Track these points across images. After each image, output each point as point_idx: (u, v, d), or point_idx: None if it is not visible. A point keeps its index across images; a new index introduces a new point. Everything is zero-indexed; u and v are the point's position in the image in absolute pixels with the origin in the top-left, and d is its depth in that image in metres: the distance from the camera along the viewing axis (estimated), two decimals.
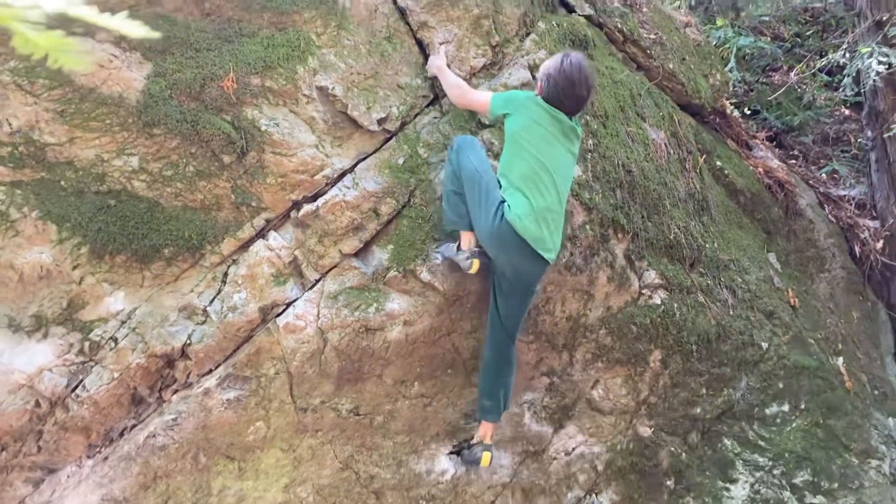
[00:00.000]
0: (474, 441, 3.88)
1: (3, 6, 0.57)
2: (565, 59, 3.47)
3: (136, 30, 0.56)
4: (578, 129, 3.59)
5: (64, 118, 3.25)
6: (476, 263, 3.48)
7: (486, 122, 3.97)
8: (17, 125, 3.19)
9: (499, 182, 3.49)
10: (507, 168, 3.49)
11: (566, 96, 3.46)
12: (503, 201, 3.39)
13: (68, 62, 0.85)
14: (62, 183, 3.26)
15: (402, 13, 3.94)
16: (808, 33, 9.73)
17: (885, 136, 6.39)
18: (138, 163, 3.37)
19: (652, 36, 5.24)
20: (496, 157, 3.75)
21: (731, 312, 4.79)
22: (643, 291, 4.38)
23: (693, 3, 8.86)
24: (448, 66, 3.87)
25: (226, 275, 3.49)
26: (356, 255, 3.68)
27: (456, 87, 3.73)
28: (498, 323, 3.65)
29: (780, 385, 4.92)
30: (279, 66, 3.58)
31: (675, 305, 4.47)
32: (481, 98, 3.67)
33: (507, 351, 3.72)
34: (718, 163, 5.49)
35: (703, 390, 4.66)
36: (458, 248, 3.54)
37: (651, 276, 4.41)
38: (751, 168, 5.83)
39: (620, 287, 4.24)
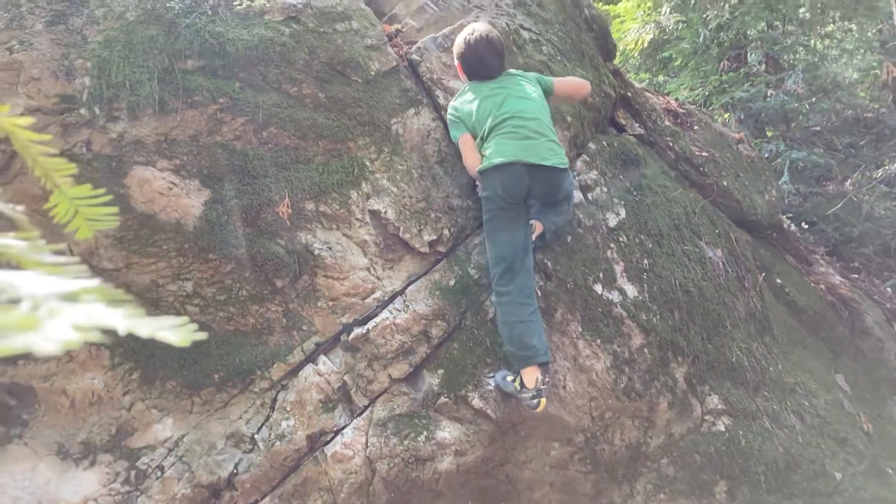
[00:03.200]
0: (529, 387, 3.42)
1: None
2: (470, 37, 3.70)
3: (175, 336, 0.51)
4: (507, 73, 3.76)
5: (122, 244, 3.31)
6: (544, 402, 3.35)
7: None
8: (78, 251, 3.26)
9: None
10: (483, 137, 3.63)
11: (482, 68, 3.71)
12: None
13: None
14: None
15: None
16: (861, 143, 9.65)
17: None
18: (192, 287, 3.40)
19: (704, 153, 5.22)
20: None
21: (800, 439, 4.53)
22: (706, 417, 4.17)
23: (742, 116, 8.89)
24: None
25: (274, 401, 3.43)
26: (406, 379, 3.60)
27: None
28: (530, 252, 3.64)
29: None
30: (333, 191, 3.63)
31: (741, 432, 4.25)
32: (462, 152, 3.76)
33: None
34: (778, 280, 5.34)
35: None
36: (522, 384, 3.40)
37: (714, 402, 4.21)
38: (812, 285, 5.66)
39: (682, 413, 4.05)
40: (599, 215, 4.16)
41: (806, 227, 8.18)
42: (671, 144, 5.08)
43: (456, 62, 3.82)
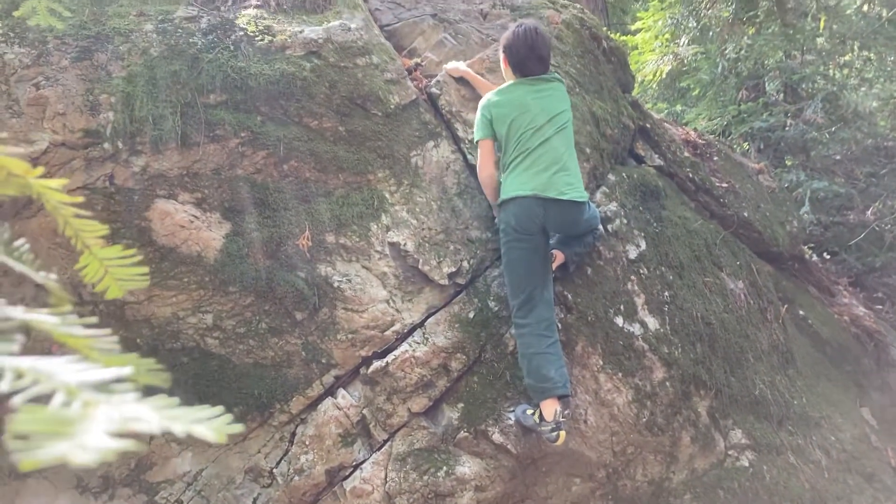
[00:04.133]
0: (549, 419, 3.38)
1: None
2: (519, 28, 3.67)
3: (209, 430, 0.51)
4: (551, 78, 3.71)
5: None
6: (563, 435, 3.31)
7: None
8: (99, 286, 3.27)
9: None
10: (505, 162, 3.61)
11: (531, 60, 3.63)
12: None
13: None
14: (138, 341, 3.31)
15: (473, 170, 4.00)
16: (882, 172, 9.56)
17: None
18: (212, 320, 3.41)
19: (724, 184, 5.19)
20: None
21: (827, 475, 4.44)
22: (730, 452, 4.10)
23: (762, 146, 8.84)
24: None
25: (293, 434, 3.42)
26: (425, 413, 3.57)
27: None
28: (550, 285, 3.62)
29: None
30: (353, 223, 3.64)
31: (765, 468, 4.17)
32: (482, 159, 3.71)
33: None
34: (801, 312, 5.27)
35: None
36: (542, 417, 3.37)
37: (737, 436, 4.15)
38: (835, 316, 5.58)
39: (705, 448, 3.99)
40: (620, 247, 4.14)
41: (828, 257, 8.08)
42: (691, 175, 5.06)
43: (502, 56, 3.73)
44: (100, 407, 0.49)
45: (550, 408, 3.32)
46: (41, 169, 0.65)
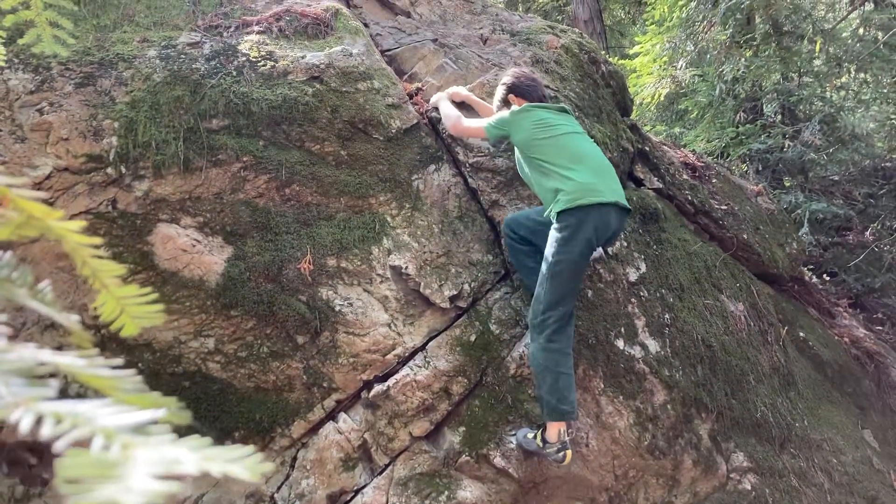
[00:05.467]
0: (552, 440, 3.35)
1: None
2: (517, 71, 3.84)
3: (243, 469, 0.52)
4: (567, 110, 3.79)
5: None
6: (569, 454, 3.29)
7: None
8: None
9: (551, 194, 3.45)
10: (541, 176, 3.51)
11: (536, 90, 3.73)
12: (567, 227, 3.33)
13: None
14: (140, 365, 3.30)
15: (474, 193, 4.03)
16: (880, 193, 9.61)
17: None
18: (214, 344, 3.41)
19: (723, 207, 5.21)
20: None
21: (829, 498, 4.42)
22: (732, 475, 4.09)
23: (760, 167, 8.89)
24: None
25: (294, 459, 3.41)
26: (427, 437, 3.57)
27: (453, 117, 3.82)
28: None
29: None
30: (355, 247, 3.65)
31: (767, 491, 4.15)
32: (477, 125, 3.73)
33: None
34: (801, 333, 5.27)
35: None
36: (545, 440, 3.34)
37: (739, 459, 4.13)
38: (836, 338, 5.58)
39: (707, 471, 3.97)
40: (620, 270, 4.15)
41: (827, 278, 8.10)
42: (690, 198, 5.08)
43: (507, 95, 3.75)
44: (139, 449, 0.50)
45: (555, 429, 3.31)
46: (61, 212, 0.67)
